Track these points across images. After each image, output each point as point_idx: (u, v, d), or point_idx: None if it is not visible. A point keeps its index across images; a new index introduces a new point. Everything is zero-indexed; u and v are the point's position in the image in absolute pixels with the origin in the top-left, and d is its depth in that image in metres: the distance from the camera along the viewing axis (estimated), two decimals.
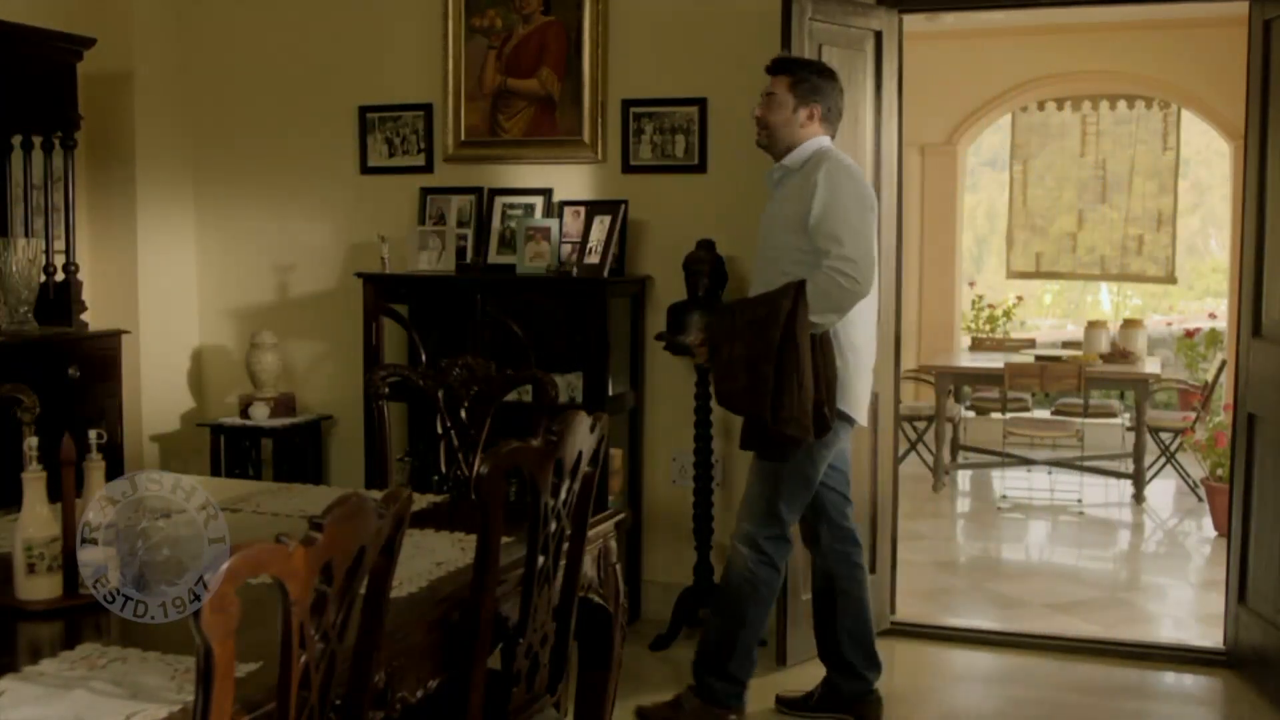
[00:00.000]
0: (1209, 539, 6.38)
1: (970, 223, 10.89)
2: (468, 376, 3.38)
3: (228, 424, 5.14)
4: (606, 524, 2.91)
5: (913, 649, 4.63)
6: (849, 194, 3.57)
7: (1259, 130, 4.20)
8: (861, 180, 3.67)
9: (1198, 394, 7.64)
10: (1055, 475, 7.52)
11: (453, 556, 2.54)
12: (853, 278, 3.50)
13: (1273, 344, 4.15)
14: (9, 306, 4.44)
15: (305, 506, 2.97)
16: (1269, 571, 4.14)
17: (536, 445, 2.33)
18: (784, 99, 3.70)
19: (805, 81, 3.71)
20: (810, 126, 3.71)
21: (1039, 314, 11.75)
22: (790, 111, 3.70)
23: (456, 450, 3.36)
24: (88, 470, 2.27)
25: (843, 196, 3.56)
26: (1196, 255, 11.96)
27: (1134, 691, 4.27)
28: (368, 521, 1.73)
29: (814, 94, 3.70)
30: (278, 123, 5.29)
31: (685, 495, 4.75)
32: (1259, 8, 4.20)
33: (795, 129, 3.70)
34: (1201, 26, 7.69)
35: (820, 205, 3.56)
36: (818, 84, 3.72)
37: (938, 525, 6.72)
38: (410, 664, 2.14)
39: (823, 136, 3.73)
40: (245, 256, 5.38)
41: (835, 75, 3.81)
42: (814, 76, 3.74)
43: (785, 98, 3.69)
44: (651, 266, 4.81)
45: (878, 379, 4.62)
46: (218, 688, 1.46)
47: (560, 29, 4.84)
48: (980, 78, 8.73)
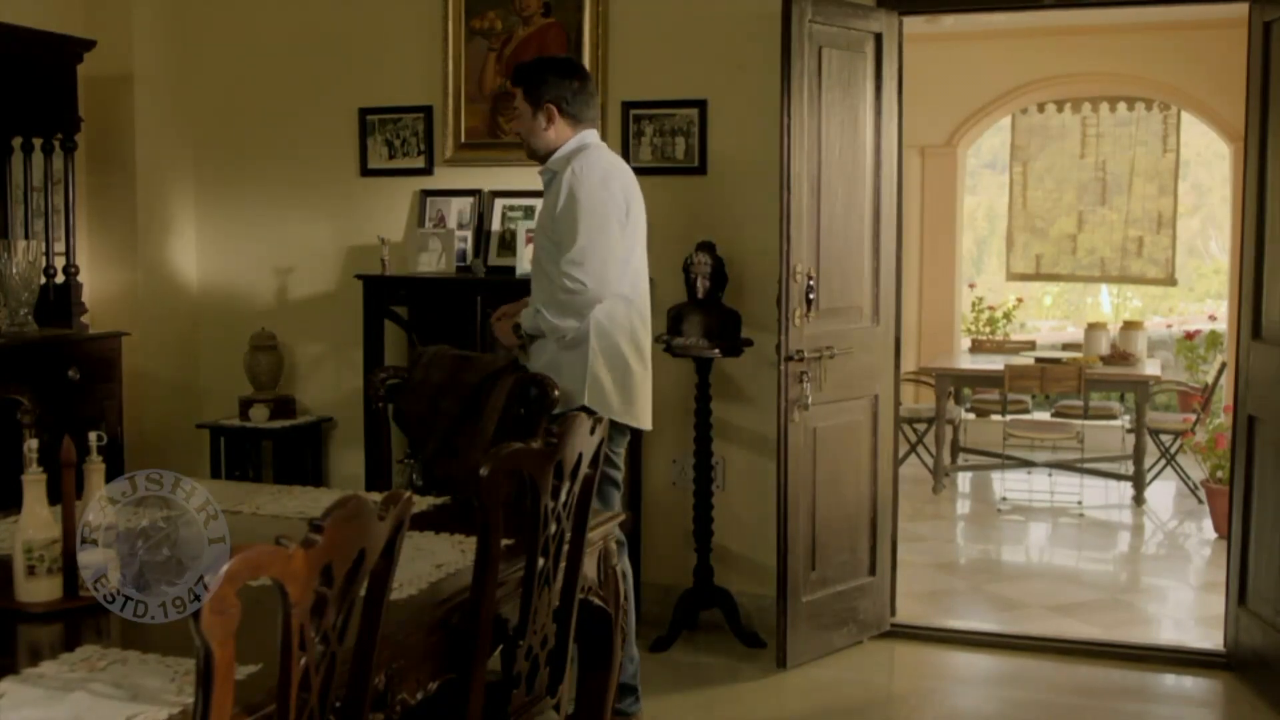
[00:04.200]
0: (1209, 541, 6.38)
1: (970, 224, 10.89)
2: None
3: (228, 426, 5.14)
4: (606, 526, 2.91)
5: (913, 651, 4.63)
6: (586, 195, 3.50)
7: (1259, 132, 4.20)
8: (608, 180, 3.56)
9: (1198, 396, 7.64)
10: (1055, 477, 7.51)
11: (453, 559, 2.54)
12: (578, 280, 3.45)
13: (1273, 346, 4.15)
14: (9, 308, 4.44)
15: (305, 509, 2.97)
16: (1269, 573, 4.14)
17: (537, 447, 2.33)
18: (523, 109, 3.66)
19: (534, 87, 3.63)
20: (555, 127, 3.63)
21: (1039, 316, 11.75)
22: (530, 119, 3.64)
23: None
24: (88, 472, 2.27)
25: (580, 198, 3.49)
26: (1196, 257, 11.96)
27: (1134, 693, 4.26)
28: (368, 524, 1.73)
29: (543, 94, 3.61)
30: (278, 125, 5.29)
31: (685, 497, 4.75)
32: (1259, 9, 4.20)
33: (541, 134, 3.64)
34: (1201, 28, 7.69)
35: (560, 206, 3.52)
36: (542, 82, 3.63)
37: (938, 527, 6.72)
38: (410, 666, 2.14)
39: (585, 132, 3.65)
40: (245, 258, 5.38)
41: (566, 65, 3.73)
42: (542, 76, 3.65)
43: (524, 107, 3.65)
44: (651, 268, 4.76)
45: (878, 379, 4.64)
46: (217, 690, 1.46)
47: (560, 31, 4.84)
48: (980, 80, 8.73)
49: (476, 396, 3.34)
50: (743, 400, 4.77)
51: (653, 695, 4.05)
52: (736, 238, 4.64)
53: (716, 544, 4.71)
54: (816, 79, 4.30)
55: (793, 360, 4.25)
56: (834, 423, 4.46)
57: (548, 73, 3.65)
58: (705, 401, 4.61)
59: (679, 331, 4.56)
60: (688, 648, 4.58)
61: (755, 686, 4.23)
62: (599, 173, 3.54)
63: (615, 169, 3.63)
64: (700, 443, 4.61)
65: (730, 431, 4.78)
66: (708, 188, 4.74)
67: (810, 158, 4.29)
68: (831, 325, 4.41)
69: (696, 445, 4.62)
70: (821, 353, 4.34)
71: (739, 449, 4.79)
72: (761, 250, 4.57)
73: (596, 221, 3.49)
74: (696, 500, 4.65)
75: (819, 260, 4.34)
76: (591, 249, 3.47)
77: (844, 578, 4.54)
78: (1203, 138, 9.73)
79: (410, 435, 3.49)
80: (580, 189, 3.50)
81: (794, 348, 4.25)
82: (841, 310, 4.46)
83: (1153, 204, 8.97)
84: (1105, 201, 9.10)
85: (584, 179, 3.52)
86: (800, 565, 4.37)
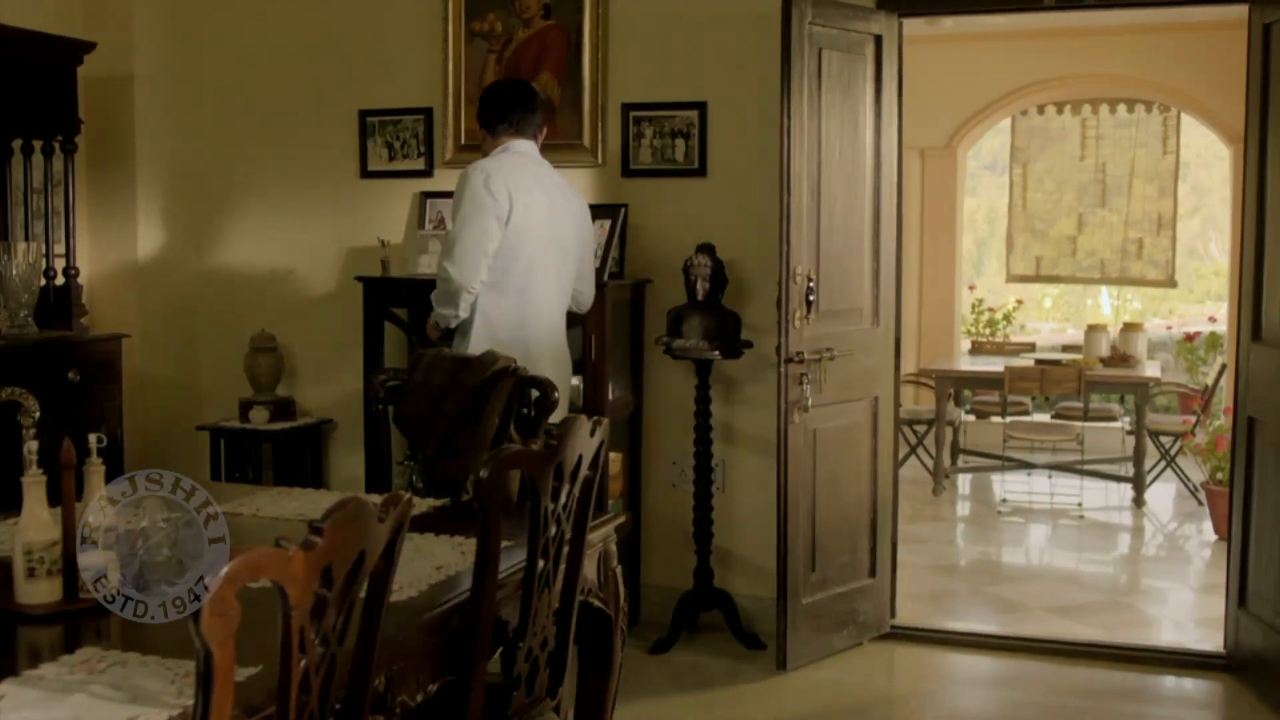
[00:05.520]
0: (1209, 542, 6.37)
1: (970, 226, 10.90)
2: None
3: (227, 427, 5.13)
4: (606, 528, 2.91)
5: (912, 652, 4.63)
6: (464, 193, 3.89)
7: (1259, 134, 4.20)
8: (491, 180, 3.86)
9: (1198, 397, 7.64)
10: (1055, 479, 7.51)
11: (452, 560, 2.54)
12: (446, 271, 3.87)
13: (1273, 348, 4.15)
14: (9, 310, 4.44)
15: (305, 510, 2.96)
16: (1269, 575, 4.14)
17: (537, 449, 2.33)
18: (482, 134, 4.12)
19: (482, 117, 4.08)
20: (488, 142, 4.07)
21: (1039, 317, 11.75)
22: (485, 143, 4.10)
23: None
24: (88, 474, 2.27)
25: (460, 195, 3.91)
26: (1196, 259, 11.97)
27: (1134, 695, 4.26)
28: (368, 525, 1.72)
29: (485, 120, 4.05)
30: (278, 126, 5.29)
31: (685, 499, 4.75)
32: (1259, 11, 4.20)
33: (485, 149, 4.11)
34: (1201, 30, 7.69)
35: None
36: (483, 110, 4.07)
37: (938, 529, 6.72)
38: (410, 668, 2.14)
39: (513, 142, 4.02)
40: (245, 260, 5.38)
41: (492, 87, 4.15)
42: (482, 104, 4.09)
43: (482, 133, 4.11)
44: (651, 270, 4.81)
45: (878, 381, 4.64)
46: (217, 691, 1.46)
47: (560, 33, 4.85)
48: (980, 81, 8.73)
49: (476, 398, 3.34)
50: (743, 402, 4.77)
51: (653, 696, 4.06)
52: (736, 239, 4.64)
53: (716, 545, 4.71)
54: (816, 81, 4.30)
55: (793, 362, 4.25)
56: (834, 424, 4.46)
57: (484, 99, 4.10)
58: (705, 403, 4.61)
59: (679, 333, 4.56)
60: (688, 649, 4.58)
61: (755, 688, 4.23)
62: (484, 174, 3.88)
63: (513, 173, 3.90)
64: (700, 444, 4.61)
65: (730, 433, 4.78)
66: (708, 189, 4.74)
67: (810, 159, 4.29)
68: (831, 327, 4.41)
69: (696, 447, 4.62)
70: (821, 354, 4.34)
71: (739, 451, 4.79)
72: (761, 252, 4.57)
73: (469, 217, 3.85)
74: (696, 502, 4.64)
75: (819, 262, 4.34)
76: (459, 242, 3.85)
77: (844, 579, 4.54)
78: (1202, 139, 9.74)
79: (410, 437, 3.49)
80: (462, 187, 3.90)
81: (794, 349, 4.25)
82: (841, 312, 4.47)
83: (1153, 206, 8.97)
84: (1105, 203, 9.10)
85: (468, 178, 3.90)
86: (800, 567, 4.37)
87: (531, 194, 3.92)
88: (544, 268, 3.97)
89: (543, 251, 3.96)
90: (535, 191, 3.94)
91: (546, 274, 3.98)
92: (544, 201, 3.96)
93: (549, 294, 4.02)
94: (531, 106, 4.07)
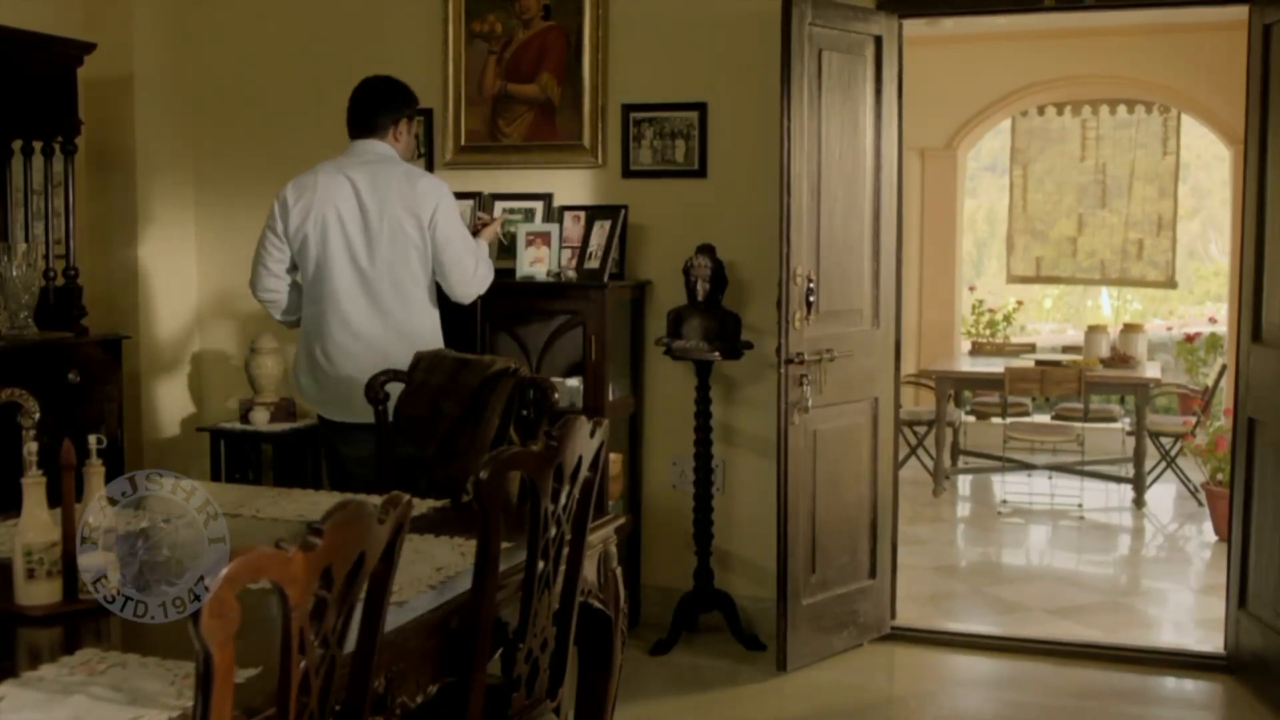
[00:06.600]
0: (1209, 544, 6.38)
1: (970, 227, 10.90)
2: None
3: (228, 429, 5.13)
4: (606, 529, 2.91)
5: (912, 653, 4.63)
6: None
7: (1259, 135, 4.20)
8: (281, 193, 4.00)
9: (1198, 398, 7.64)
10: (1055, 480, 7.51)
11: (453, 561, 2.54)
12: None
13: (1273, 348, 4.15)
14: (9, 311, 4.44)
15: (305, 511, 2.96)
16: (1269, 576, 4.14)
17: (537, 450, 2.33)
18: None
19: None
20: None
21: (1039, 318, 11.75)
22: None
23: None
24: (87, 475, 2.27)
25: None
26: (1196, 259, 11.97)
27: (1134, 696, 4.26)
28: (368, 527, 1.72)
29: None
30: (278, 126, 5.28)
31: (685, 500, 4.75)
32: (1259, 12, 4.20)
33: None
34: (1201, 31, 7.69)
35: None
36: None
37: (938, 530, 6.72)
38: (410, 669, 2.14)
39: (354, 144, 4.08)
40: (245, 261, 5.32)
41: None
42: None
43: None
44: (651, 271, 4.81)
45: (878, 382, 4.63)
46: (217, 693, 1.46)
47: (560, 34, 4.85)
48: (980, 82, 8.73)
49: (476, 399, 3.34)
50: (743, 403, 4.77)
51: (653, 698, 4.06)
52: (736, 240, 4.64)
53: (716, 546, 4.71)
54: (816, 82, 4.30)
55: (793, 363, 4.25)
56: (834, 425, 4.46)
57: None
58: (705, 404, 4.61)
59: (679, 334, 4.56)
60: (688, 650, 4.58)
61: (755, 689, 4.23)
62: (285, 188, 4.00)
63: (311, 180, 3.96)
64: (700, 445, 4.61)
65: (730, 434, 4.78)
66: (708, 190, 4.74)
67: (810, 160, 4.29)
68: (831, 328, 4.41)
69: (696, 448, 4.62)
70: (821, 355, 4.34)
71: (739, 451, 4.79)
72: (761, 253, 4.57)
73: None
74: (696, 503, 4.64)
75: (819, 263, 4.34)
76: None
77: (844, 580, 4.54)
78: (1202, 140, 9.74)
79: (410, 438, 3.49)
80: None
81: (794, 350, 4.25)
82: (841, 313, 4.47)
83: (1153, 206, 8.98)
84: (1105, 204, 9.10)
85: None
86: (800, 568, 4.37)
87: (327, 200, 3.90)
88: (342, 272, 3.88)
89: (338, 257, 3.89)
90: (335, 196, 3.89)
91: (344, 277, 3.88)
92: (349, 205, 3.88)
93: (354, 297, 3.89)
94: (365, 105, 4.03)
